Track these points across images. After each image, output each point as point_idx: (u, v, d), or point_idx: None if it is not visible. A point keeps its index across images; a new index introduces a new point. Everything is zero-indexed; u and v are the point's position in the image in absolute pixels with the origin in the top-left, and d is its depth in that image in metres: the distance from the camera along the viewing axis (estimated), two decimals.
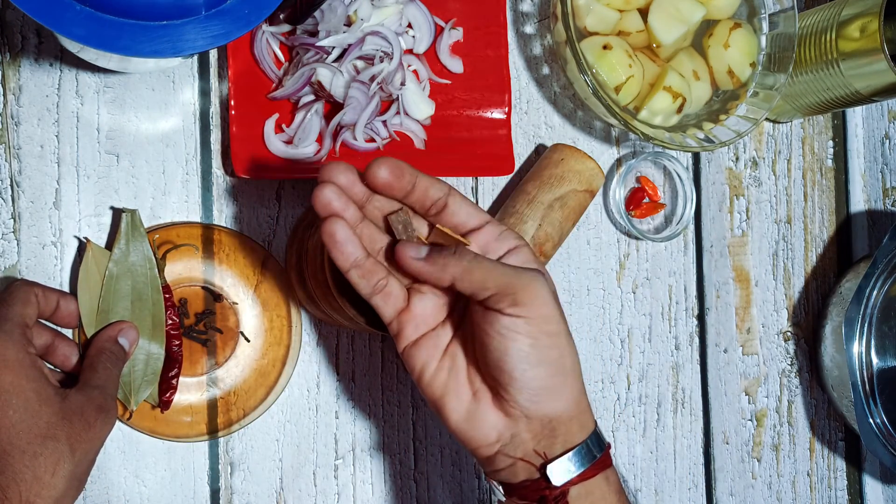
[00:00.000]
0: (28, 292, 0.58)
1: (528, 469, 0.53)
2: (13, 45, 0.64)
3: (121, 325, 0.62)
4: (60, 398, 0.56)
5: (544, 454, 0.53)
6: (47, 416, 0.54)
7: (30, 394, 0.55)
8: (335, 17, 0.65)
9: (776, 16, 0.77)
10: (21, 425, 0.54)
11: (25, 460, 0.53)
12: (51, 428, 0.54)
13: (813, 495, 0.86)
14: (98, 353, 0.60)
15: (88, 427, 0.56)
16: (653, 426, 0.80)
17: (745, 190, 0.84)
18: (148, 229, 0.65)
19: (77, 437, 0.55)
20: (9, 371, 0.54)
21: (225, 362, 0.67)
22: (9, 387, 0.54)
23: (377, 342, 0.72)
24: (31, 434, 0.54)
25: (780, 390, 0.85)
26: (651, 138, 0.71)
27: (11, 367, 0.55)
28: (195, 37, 0.51)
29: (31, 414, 0.54)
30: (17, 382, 0.54)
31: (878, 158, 0.90)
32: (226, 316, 0.67)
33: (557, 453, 0.53)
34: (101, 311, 0.62)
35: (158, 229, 0.65)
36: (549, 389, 0.53)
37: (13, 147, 0.64)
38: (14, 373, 0.54)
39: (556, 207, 0.70)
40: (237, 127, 0.66)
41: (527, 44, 0.77)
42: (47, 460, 0.54)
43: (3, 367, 0.54)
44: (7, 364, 0.55)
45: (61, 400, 0.56)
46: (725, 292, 0.83)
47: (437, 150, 0.71)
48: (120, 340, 0.61)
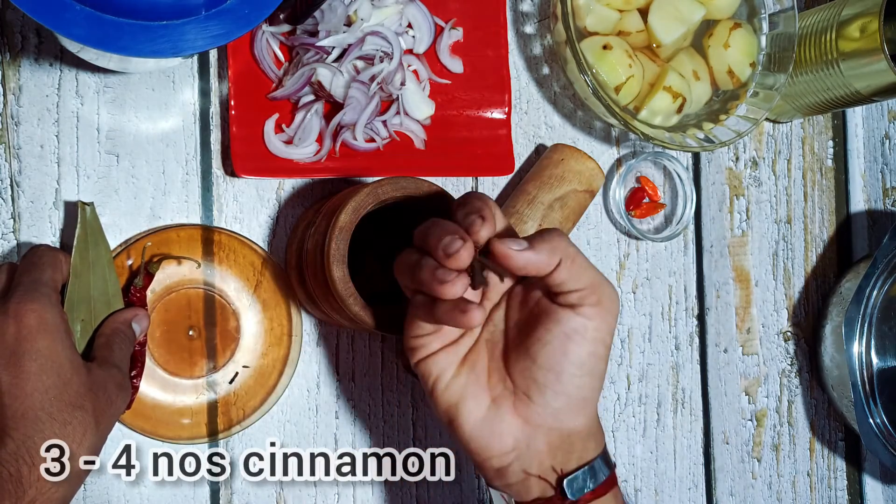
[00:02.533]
0: (55, 257, 0.58)
1: (542, 486, 0.52)
2: (13, 45, 0.64)
3: (136, 311, 0.62)
4: (87, 370, 0.56)
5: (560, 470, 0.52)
6: (76, 386, 0.54)
7: (64, 360, 0.54)
8: (335, 17, 0.65)
9: (776, 16, 0.77)
10: (53, 391, 0.53)
11: (55, 427, 0.53)
12: (79, 398, 0.54)
13: (813, 495, 0.86)
14: (114, 332, 0.60)
15: (110, 403, 0.56)
16: (653, 426, 0.80)
17: (745, 190, 0.84)
18: (148, 231, 0.65)
19: (101, 411, 0.55)
20: (48, 335, 0.54)
21: (224, 365, 0.67)
22: (46, 351, 0.54)
23: (377, 342, 0.72)
24: (61, 402, 0.53)
25: (780, 390, 0.85)
26: (651, 138, 0.71)
27: (50, 332, 0.54)
28: (195, 37, 0.51)
29: (63, 381, 0.54)
30: (53, 347, 0.54)
31: (878, 158, 0.90)
32: (226, 318, 0.67)
33: (572, 468, 0.52)
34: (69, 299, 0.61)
35: (157, 232, 0.65)
36: (584, 401, 0.52)
37: (13, 147, 0.64)
38: (52, 337, 0.54)
39: (556, 207, 0.70)
40: (237, 127, 0.66)
41: (527, 44, 0.77)
42: (76, 430, 0.54)
43: (43, 331, 0.54)
44: (47, 328, 0.54)
45: (87, 372, 0.56)
46: (725, 292, 0.83)
47: (437, 150, 0.71)
48: (133, 325, 0.61)
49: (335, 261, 0.58)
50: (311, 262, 0.62)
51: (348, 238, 0.59)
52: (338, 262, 0.58)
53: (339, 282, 0.58)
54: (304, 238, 0.65)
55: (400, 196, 0.60)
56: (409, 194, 0.60)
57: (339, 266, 0.58)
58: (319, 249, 0.60)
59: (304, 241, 0.64)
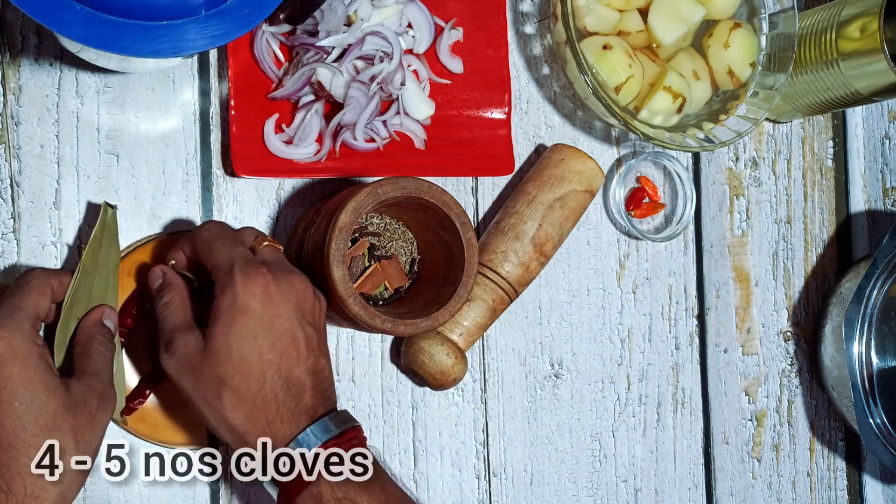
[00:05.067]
0: (44, 283, 0.57)
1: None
2: (13, 45, 0.64)
3: (102, 309, 0.61)
4: (64, 389, 0.55)
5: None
6: (53, 408, 0.54)
7: (38, 384, 0.54)
8: (335, 17, 0.65)
9: (776, 16, 0.77)
10: (27, 417, 0.53)
11: (32, 453, 0.53)
12: (56, 420, 0.54)
13: (813, 495, 0.86)
14: (88, 338, 0.59)
15: (91, 417, 0.55)
16: (653, 426, 0.80)
17: (745, 190, 0.84)
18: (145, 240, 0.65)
19: (81, 428, 0.55)
20: (17, 362, 0.54)
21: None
22: (16, 378, 0.53)
23: (377, 342, 0.72)
24: (37, 426, 0.53)
25: (780, 390, 0.85)
26: (651, 138, 0.71)
27: (20, 358, 0.54)
28: (195, 37, 0.51)
29: (38, 405, 0.53)
30: (24, 374, 0.54)
31: (878, 158, 0.90)
32: None
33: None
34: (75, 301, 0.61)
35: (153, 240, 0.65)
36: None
37: (13, 147, 0.64)
38: (22, 364, 0.54)
39: (556, 207, 0.70)
40: (237, 127, 0.66)
41: (527, 44, 0.77)
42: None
43: (11, 359, 0.54)
44: (16, 355, 0.54)
45: (65, 391, 0.55)
46: (725, 292, 0.83)
47: (437, 150, 0.71)
48: (105, 322, 0.60)
49: (335, 261, 0.58)
50: (311, 262, 0.62)
51: (348, 238, 0.59)
52: (338, 263, 0.58)
53: (338, 282, 0.58)
54: (304, 238, 0.65)
55: (400, 196, 0.60)
56: (410, 194, 0.60)
57: (339, 266, 0.58)
58: (319, 249, 0.60)
59: (304, 241, 0.64)
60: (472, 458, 0.74)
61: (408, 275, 0.68)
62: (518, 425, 0.75)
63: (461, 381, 0.69)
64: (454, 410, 0.73)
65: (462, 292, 0.62)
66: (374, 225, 0.67)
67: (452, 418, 0.73)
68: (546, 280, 0.76)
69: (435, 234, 0.65)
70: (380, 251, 0.67)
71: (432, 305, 0.62)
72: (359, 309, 0.59)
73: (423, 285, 0.67)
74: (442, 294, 0.63)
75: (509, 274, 0.69)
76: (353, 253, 0.66)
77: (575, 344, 0.77)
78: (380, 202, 0.60)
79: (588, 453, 0.78)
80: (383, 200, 0.60)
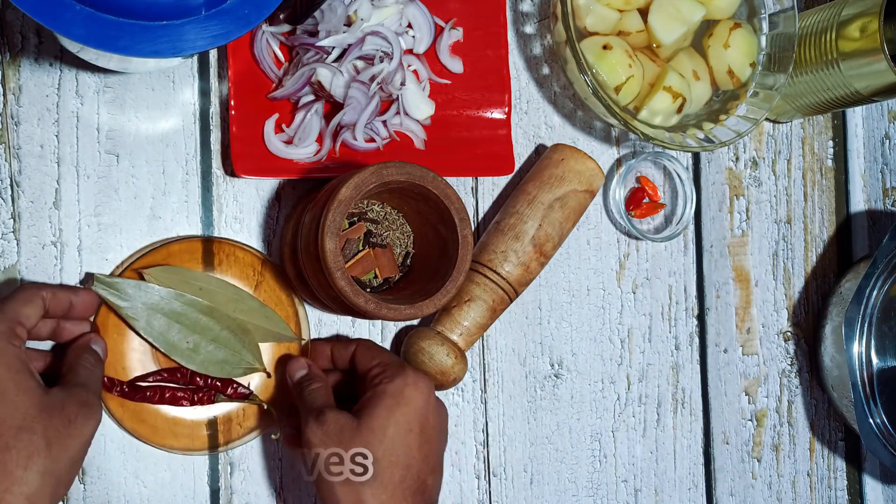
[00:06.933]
0: (33, 294, 0.57)
1: None
2: (13, 45, 0.64)
3: (89, 336, 0.61)
4: (42, 392, 0.54)
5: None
6: (24, 408, 0.53)
7: (8, 383, 0.53)
8: (335, 17, 0.65)
9: (776, 16, 0.77)
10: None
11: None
12: (27, 420, 0.53)
13: (813, 495, 0.86)
14: (76, 356, 0.59)
15: (69, 423, 0.54)
16: (653, 426, 0.80)
17: (745, 190, 0.84)
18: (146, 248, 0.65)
19: (55, 432, 0.53)
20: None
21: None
22: None
23: (377, 342, 0.72)
24: (3, 425, 0.52)
25: (780, 390, 0.85)
26: (651, 138, 0.71)
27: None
28: (195, 37, 0.50)
29: (6, 404, 0.53)
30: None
31: (878, 158, 0.90)
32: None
33: None
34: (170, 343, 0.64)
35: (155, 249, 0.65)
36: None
37: (13, 147, 0.64)
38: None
39: (556, 207, 0.70)
40: (237, 127, 0.66)
41: (527, 44, 0.77)
42: (20, 453, 0.52)
43: None
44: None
45: (42, 394, 0.54)
46: (725, 292, 0.83)
47: (437, 150, 0.71)
48: (93, 347, 0.61)
49: (329, 232, 0.57)
50: (306, 234, 0.61)
51: (346, 213, 0.58)
52: (332, 235, 0.57)
53: (329, 253, 0.57)
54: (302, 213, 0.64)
55: (404, 181, 0.60)
56: (413, 181, 0.60)
57: (333, 238, 0.58)
58: (316, 222, 0.59)
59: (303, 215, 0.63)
60: (471, 458, 0.74)
61: (400, 268, 0.68)
62: (518, 425, 0.75)
63: (461, 381, 0.69)
64: (454, 410, 0.73)
65: (450, 286, 0.61)
66: (375, 212, 0.67)
67: (452, 418, 0.73)
68: (546, 280, 0.77)
69: (433, 228, 0.65)
70: (376, 238, 0.67)
71: (419, 297, 0.62)
72: (344, 283, 0.58)
73: (413, 279, 0.67)
74: (430, 288, 0.62)
75: (509, 274, 0.69)
76: (350, 235, 0.66)
77: (575, 344, 0.78)
78: (383, 183, 0.59)
79: (588, 453, 0.78)
80: (387, 182, 0.59)
